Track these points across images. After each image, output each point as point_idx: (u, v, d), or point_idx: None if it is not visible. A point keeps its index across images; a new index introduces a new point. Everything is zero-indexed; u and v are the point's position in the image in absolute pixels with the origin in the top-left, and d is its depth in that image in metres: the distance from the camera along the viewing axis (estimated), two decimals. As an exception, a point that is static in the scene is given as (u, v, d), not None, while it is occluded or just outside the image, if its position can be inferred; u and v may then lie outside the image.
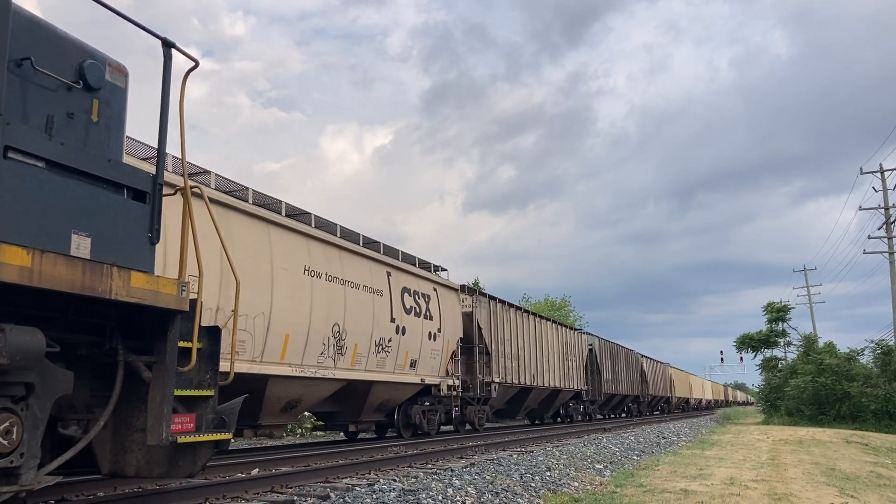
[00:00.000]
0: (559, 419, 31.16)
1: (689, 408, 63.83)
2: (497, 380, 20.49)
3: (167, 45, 5.39)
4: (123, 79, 5.26)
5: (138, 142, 10.00)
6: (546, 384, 25.40)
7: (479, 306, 20.21)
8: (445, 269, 19.42)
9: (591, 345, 32.66)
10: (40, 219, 4.24)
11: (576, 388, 29.31)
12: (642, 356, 43.75)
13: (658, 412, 50.22)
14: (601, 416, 37.56)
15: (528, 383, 23.35)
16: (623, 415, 42.25)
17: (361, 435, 17.71)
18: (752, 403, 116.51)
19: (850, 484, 11.17)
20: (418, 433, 17.41)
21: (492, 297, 21.43)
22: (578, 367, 29.81)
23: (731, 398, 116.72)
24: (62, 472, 4.87)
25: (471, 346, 19.57)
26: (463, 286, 20.14)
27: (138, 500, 6.34)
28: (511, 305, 23.00)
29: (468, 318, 19.82)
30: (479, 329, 19.96)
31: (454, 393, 18.34)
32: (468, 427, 19.84)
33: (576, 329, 31.83)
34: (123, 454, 5.38)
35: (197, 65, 5.61)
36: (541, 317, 26.39)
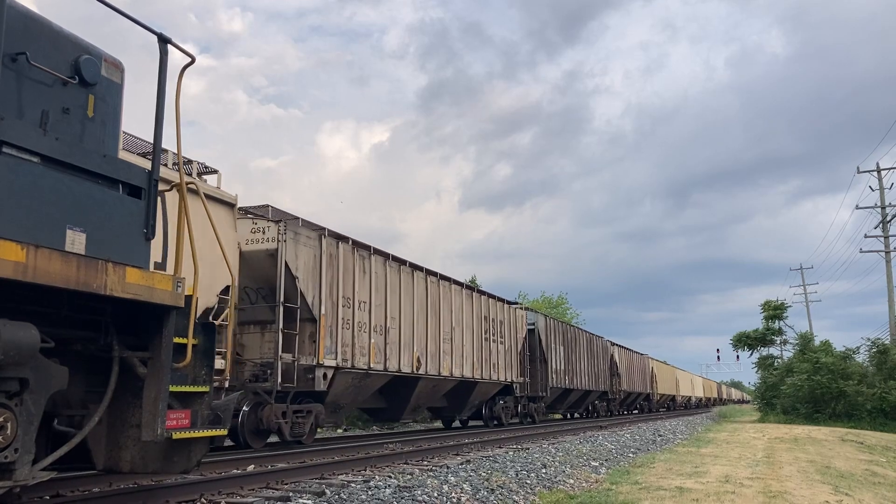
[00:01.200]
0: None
1: (674, 406, 58.02)
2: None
3: (163, 41, 5.37)
4: (119, 74, 5.24)
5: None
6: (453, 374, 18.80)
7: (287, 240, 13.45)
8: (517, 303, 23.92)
9: (531, 324, 25.44)
10: (35, 214, 4.23)
11: (503, 379, 22.15)
12: (614, 344, 37.72)
13: (637, 411, 45.59)
14: (561, 417, 33.82)
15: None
16: (584, 414, 35.52)
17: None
18: (747, 401, 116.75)
19: (844, 482, 11.20)
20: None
21: (334, 235, 14.81)
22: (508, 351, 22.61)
23: (724, 396, 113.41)
24: (57, 467, 4.87)
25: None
26: (262, 206, 14.60)
27: (133, 495, 6.34)
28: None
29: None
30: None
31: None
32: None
33: (511, 303, 24.26)
34: (118, 450, 5.37)
35: (193, 61, 5.60)
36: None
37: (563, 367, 27.65)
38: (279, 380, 12.17)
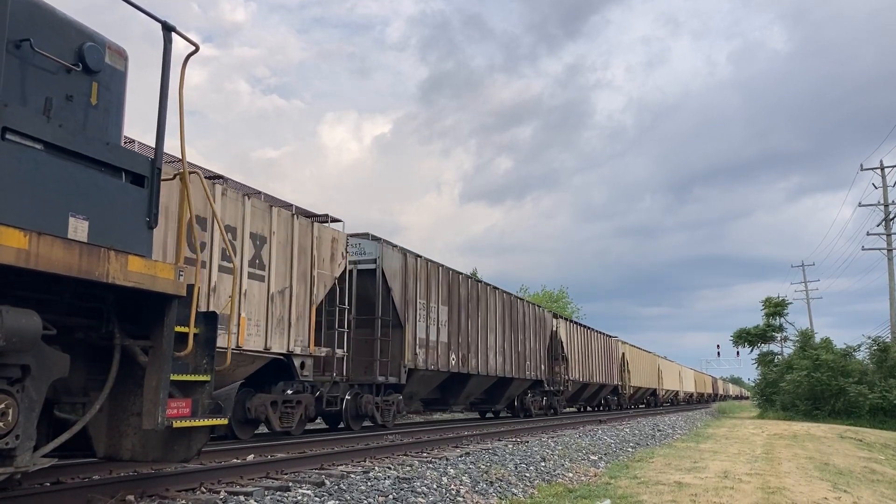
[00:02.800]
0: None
1: (656, 402, 48.54)
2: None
3: (167, 29, 5.36)
4: (123, 62, 5.23)
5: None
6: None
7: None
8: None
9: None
10: (38, 201, 4.23)
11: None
12: (557, 317, 29.04)
13: (604, 408, 37.68)
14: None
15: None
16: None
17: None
18: (746, 397, 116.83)
19: (843, 479, 11.22)
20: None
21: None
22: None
23: (721, 392, 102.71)
24: (58, 454, 4.89)
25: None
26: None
27: (133, 483, 6.35)
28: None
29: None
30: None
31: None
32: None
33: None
34: (119, 438, 5.39)
35: (197, 49, 5.59)
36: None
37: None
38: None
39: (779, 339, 47.42)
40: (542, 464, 10.05)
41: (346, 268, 14.12)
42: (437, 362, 17.43)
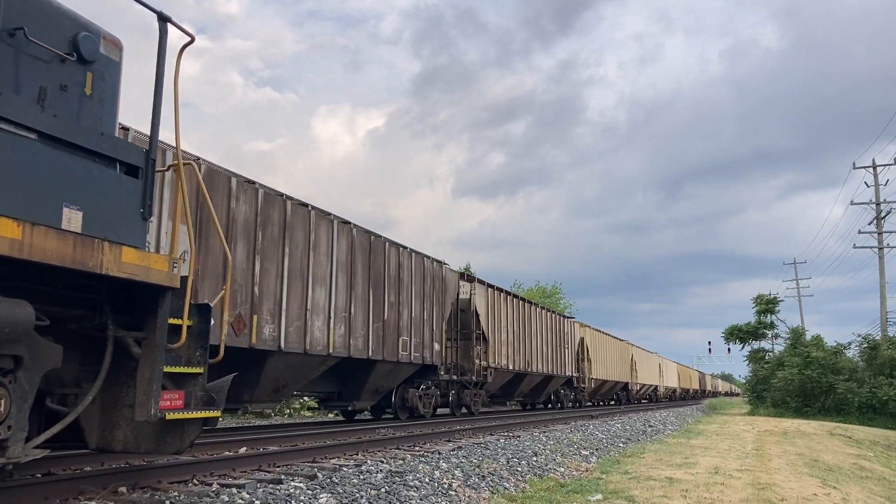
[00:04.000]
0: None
1: (628, 399, 43.02)
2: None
3: (163, 20, 5.33)
4: (118, 52, 5.20)
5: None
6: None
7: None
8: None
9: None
10: (31, 191, 4.20)
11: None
12: (472, 280, 21.64)
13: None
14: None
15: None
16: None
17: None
18: (737, 394, 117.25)
19: (832, 475, 11.29)
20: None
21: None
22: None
23: (710, 388, 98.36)
24: (49, 445, 4.87)
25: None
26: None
27: (125, 475, 6.34)
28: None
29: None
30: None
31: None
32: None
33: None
34: (111, 429, 5.37)
35: (193, 40, 5.55)
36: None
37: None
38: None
39: (770, 336, 47.64)
40: (534, 458, 10.08)
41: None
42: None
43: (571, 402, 31.62)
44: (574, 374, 30.93)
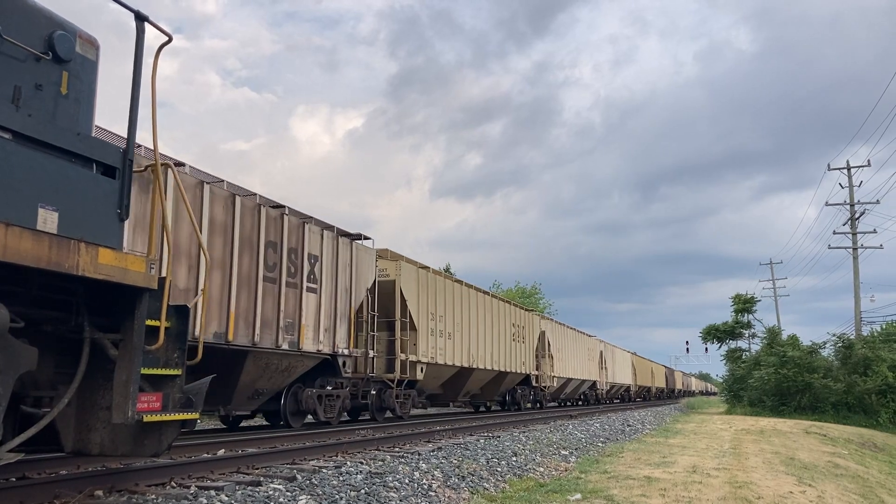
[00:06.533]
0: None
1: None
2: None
3: (140, 19, 5.28)
4: (94, 51, 5.15)
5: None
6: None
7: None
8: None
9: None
10: (6, 191, 4.15)
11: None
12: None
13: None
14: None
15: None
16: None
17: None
18: (714, 393, 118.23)
19: (808, 473, 11.43)
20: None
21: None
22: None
23: (681, 386, 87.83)
24: (24, 449, 4.81)
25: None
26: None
27: (102, 478, 6.28)
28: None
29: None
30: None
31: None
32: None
33: None
34: (88, 432, 5.32)
35: (170, 39, 5.52)
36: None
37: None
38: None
39: (747, 335, 48.10)
40: (514, 458, 10.10)
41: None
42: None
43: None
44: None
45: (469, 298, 21.77)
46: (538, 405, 28.70)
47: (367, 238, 15.96)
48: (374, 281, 16.28)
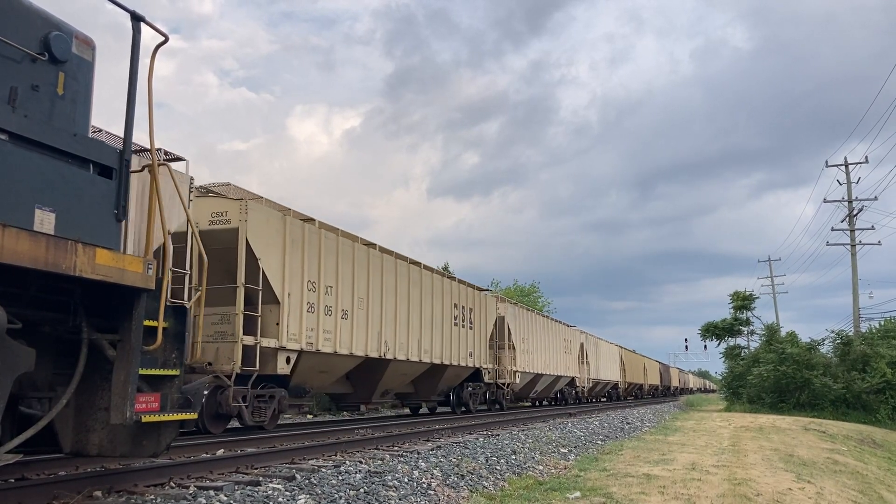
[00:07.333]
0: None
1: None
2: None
3: (136, 19, 5.28)
4: (91, 52, 5.14)
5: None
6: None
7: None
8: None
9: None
10: (2, 192, 4.15)
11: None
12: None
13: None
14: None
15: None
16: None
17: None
18: (712, 391, 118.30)
19: (807, 470, 11.44)
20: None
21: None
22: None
23: (677, 384, 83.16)
24: (23, 450, 4.81)
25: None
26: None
27: (101, 479, 6.28)
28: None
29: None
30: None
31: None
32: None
33: None
34: (86, 433, 5.32)
35: (167, 40, 5.52)
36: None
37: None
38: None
39: (745, 332, 48.11)
40: (513, 457, 10.11)
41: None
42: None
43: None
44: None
45: (383, 267, 16.45)
46: (498, 405, 23.63)
47: (179, 159, 10.77)
48: (188, 223, 9.58)
